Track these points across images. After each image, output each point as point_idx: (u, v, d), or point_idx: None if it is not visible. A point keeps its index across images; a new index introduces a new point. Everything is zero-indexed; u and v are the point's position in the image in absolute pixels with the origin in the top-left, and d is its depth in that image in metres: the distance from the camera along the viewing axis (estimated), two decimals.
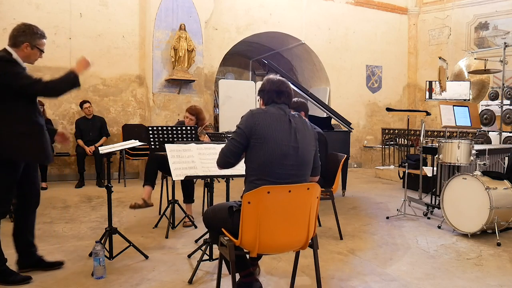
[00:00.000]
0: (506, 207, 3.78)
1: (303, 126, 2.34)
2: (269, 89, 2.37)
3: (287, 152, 2.21)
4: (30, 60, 2.76)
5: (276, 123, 2.24)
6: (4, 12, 6.44)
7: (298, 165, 2.25)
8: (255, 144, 2.21)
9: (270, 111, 2.29)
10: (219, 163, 2.37)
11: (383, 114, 9.68)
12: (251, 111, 2.29)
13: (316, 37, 9.13)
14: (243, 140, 2.24)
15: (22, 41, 2.68)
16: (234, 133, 2.30)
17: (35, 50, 2.73)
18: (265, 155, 2.19)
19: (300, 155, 2.25)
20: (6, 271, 2.71)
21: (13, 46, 2.69)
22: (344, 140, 5.69)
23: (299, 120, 2.35)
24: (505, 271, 3.07)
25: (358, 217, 4.69)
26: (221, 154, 2.34)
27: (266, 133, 2.20)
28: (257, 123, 2.22)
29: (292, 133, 2.25)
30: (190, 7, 7.23)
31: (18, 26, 2.73)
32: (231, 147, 2.29)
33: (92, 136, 6.62)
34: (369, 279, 2.90)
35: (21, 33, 2.70)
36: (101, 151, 3.16)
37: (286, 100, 2.37)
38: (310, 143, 2.34)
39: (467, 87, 6.16)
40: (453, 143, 4.15)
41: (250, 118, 2.26)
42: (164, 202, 4.61)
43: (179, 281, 2.80)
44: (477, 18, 9.11)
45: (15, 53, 2.68)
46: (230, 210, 2.28)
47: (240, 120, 2.30)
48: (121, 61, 7.23)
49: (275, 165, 2.19)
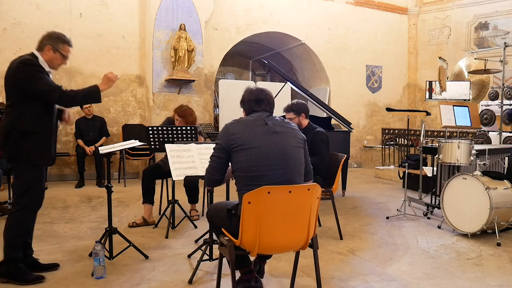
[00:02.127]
0: (506, 207, 3.78)
1: (283, 124, 2.37)
2: (248, 99, 2.42)
3: (266, 152, 2.22)
4: (53, 65, 2.82)
5: (250, 128, 2.27)
6: (4, 12, 6.44)
7: (285, 161, 2.26)
8: (235, 152, 2.25)
9: (242, 120, 2.35)
10: (206, 182, 2.43)
11: (383, 114, 9.68)
12: (225, 125, 2.35)
13: (316, 37, 9.13)
14: (222, 154, 2.30)
15: (45, 44, 2.77)
16: (214, 149, 2.35)
17: (57, 54, 2.79)
18: (248, 160, 2.21)
19: (283, 153, 2.26)
20: (21, 269, 2.74)
21: (38, 49, 2.78)
22: (344, 140, 5.69)
23: (280, 122, 2.37)
24: (505, 271, 3.07)
25: (358, 217, 4.69)
26: (206, 173, 2.40)
27: (241, 140, 2.24)
28: (231, 132, 2.27)
29: (269, 133, 2.27)
30: (190, 7, 7.23)
31: (47, 32, 2.84)
32: (212, 163, 2.35)
33: (92, 136, 6.62)
34: (369, 279, 2.90)
35: (46, 37, 2.79)
36: (101, 151, 3.16)
37: (266, 107, 2.40)
38: (295, 140, 2.35)
39: (467, 87, 6.16)
40: (453, 143, 4.15)
41: (224, 131, 2.32)
42: (164, 202, 4.61)
43: (179, 281, 2.80)
44: (477, 18, 9.11)
45: (40, 56, 2.75)
46: (228, 213, 2.29)
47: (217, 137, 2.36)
48: (121, 61, 7.23)
49: (260, 167, 2.20)
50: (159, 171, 4.22)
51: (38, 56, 2.75)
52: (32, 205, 2.77)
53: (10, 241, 2.72)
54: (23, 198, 2.71)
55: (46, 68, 2.77)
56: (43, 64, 2.76)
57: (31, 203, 2.75)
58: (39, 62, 2.73)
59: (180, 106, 4.47)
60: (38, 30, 6.58)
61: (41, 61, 2.75)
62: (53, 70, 2.85)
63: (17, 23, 6.46)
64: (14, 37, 6.45)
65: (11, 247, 2.71)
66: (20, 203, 2.71)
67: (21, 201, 2.71)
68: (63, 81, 6.82)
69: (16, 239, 2.74)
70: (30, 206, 2.75)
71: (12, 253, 2.71)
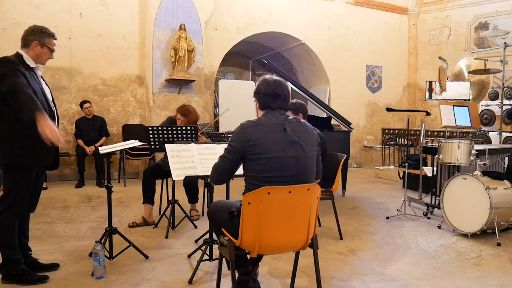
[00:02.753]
0: (506, 207, 3.78)
1: (302, 130, 2.25)
2: (264, 92, 2.27)
3: (284, 164, 2.14)
4: (41, 60, 2.77)
5: (270, 135, 2.14)
6: (4, 12, 6.44)
7: (298, 174, 2.18)
8: (251, 159, 2.15)
9: (261, 123, 2.20)
10: (212, 179, 2.33)
11: (383, 114, 9.68)
12: (241, 125, 2.20)
13: (316, 37, 9.13)
14: (235, 158, 2.18)
15: (31, 40, 2.71)
16: (226, 150, 2.23)
17: (44, 48, 2.74)
18: (263, 169, 2.13)
19: (300, 164, 2.18)
20: (24, 271, 2.72)
21: (24, 46, 2.72)
22: (344, 140, 5.69)
23: (297, 125, 2.25)
24: (505, 271, 3.07)
25: (358, 217, 4.69)
26: (213, 170, 2.29)
27: (260, 148, 2.11)
28: (249, 138, 2.13)
29: (287, 143, 2.16)
30: (190, 7, 7.23)
31: (28, 27, 2.77)
32: (223, 164, 2.23)
33: (92, 136, 6.62)
34: (369, 279, 2.90)
35: (30, 33, 2.73)
36: (101, 151, 3.16)
37: (282, 104, 2.27)
38: (312, 148, 2.26)
39: (467, 87, 6.16)
40: (453, 143, 4.15)
41: (240, 133, 2.17)
42: (164, 202, 4.61)
43: (179, 281, 2.80)
44: (477, 18, 9.11)
45: (25, 54, 2.70)
46: (230, 215, 2.25)
47: (231, 135, 2.24)
48: (121, 61, 7.23)
49: (274, 177, 2.14)
50: (160, 171, 4.22)
51: (23, 53, 2.69)
52: (16, 207, 2.67)
53: (2, 243, 2.68)
54: (6, 199, 2.66)
55: (31, 64, 2.70)
56: (28, 60, 2.68)
57: (15, 204, 2.66)
58: (24, 59, 2.66)
59: (182, 105, 4.47)
60: None
61: (25, 57, 2.68)
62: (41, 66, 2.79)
63: (17, 23, 6.46)
64: (14, 37, 6.36)
65: (4, 249, 2.69)
66: (4, 203, 2.66)
67: (5, 201, 2.66)
68: (63, 81, 6.84)
69: (7, 240, 2.68)
70: (14, 207, 2.66)
71: (8, 254, 2.69)
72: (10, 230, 2.69)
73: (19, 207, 2.69)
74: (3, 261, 2.71)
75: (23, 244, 2.88)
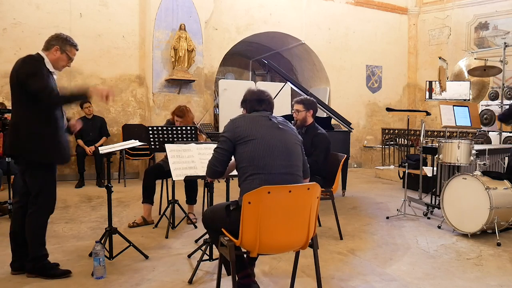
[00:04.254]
0: (506, 207, 3.78)
1: (285, 123, 2.46)
2: (250, 99, 2.50)
3: (273, 144, 2.30)
4: (58, 66, 2.88)
5: (257, 122, 2.36)
6: (4, 12, 6.43)
7: (287, 154, 2.33)
8: (241, 144, 2.30)
9: (248, 115, 2.43)
10: (208, 174, 2.48)
11: (383, 114, 9.68)
12: (231, 119, 2.43)
13: (316, 37, 9.13)
14: (227, 147, 2.35)
15: (53, 44, 2.83)
16: (218, 142, 2.40)
17: (64, 55, 2.86)
18: (253, 150, 2.27)
19: (286, 146, 2.34)
20: (48, 265, 2.83)
21: (45, 49, 2.84)
22: (344, 140, 5.69)
23: (281, 120, 2.47)
24: (505, 271, 3.07)
25: (358, 217, 4.69)
26: (209, 165, 2.44)
27: (249, 132, 2.31)
28: (238, 125, 2.35)
29: (274, 127, 2.37)
30: (190, 7, 7.23)
31: (54, 34, 2.89)
32: (216, 155, 2.39)
33: (92, 136, 6.62)
34: (369, 279, 2.90)
35: (54, 38, 2.86)
36: (101, 151, 3.16)
37: (267, 107, 2.49)
38: (295, 139, 2.44)
39: (467, 87, 6.16)
40: (453, 143, 4.15)
41: (230, 124, 2.39)
42: (164, 202, 4.61)
43: (179, 281, 2.80)
44: (477, 18, 9.11)
45: (46, 56, 2.82)
46: (227, 209, 2.30)
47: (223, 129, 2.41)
48: (121, 61, 7.22)
49: (265, 158, 2.26)
50: (161, 171, 4.23)
51: (44, 56, 2.81)
52: (47, 205, 2.83)
53: (33, 241, 2.80)
54: (38, 199, 2.78)
55: (50, 68, 2.82)
56: (48, 64, 2.81)
57: (45, 203, 2.81)
58: (44, 62, 2.79)
59: (177, 107, 4.49)
60: (38, 30, 6.63)
61: (46, 61, 2.80)
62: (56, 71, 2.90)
63: (17, 23, 6.46)
64: (14, 37, 6.45)
65: (35, 246, 2.80)
66: (36, 203, 2.78)
67: (36, 202, 2.78)
68: (63, 81, 6.82)
69: (38, 239, 2.82)
70: (45, 206, 2.81)
71: (36, 251, 2.80)
72: (42, 228, 2.84)
73: (49, 205, 2.85)
74: (31, 256, 2.80)
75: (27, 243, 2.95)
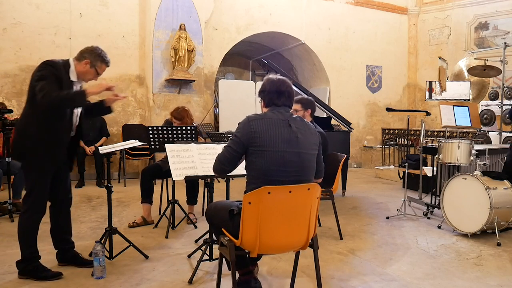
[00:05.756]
0: (506, 207, 3.78)
1: (305, 129, 2.29)
2: (269, 90, 2.33)
3: (288, 159, 2.18)
4: (84, 78, 2.89)
5: (275, 129, 2.19)
6: (4, 12, 6.43)
7: (300, 170, 2.23)
8: (254, 152, 2.18)
9: (267, 117, 2.25)
10: (214, 169, 2.36)
11: (383, 114, 9.68)
12: (248, 118, 2.25)
13: (316, 37, 9.13)
14: (239, 149, 2.23)
15: (85, 57, 2.83)
16: (231, 140, 2.27)
17: (93, 69, 2.85)
18: (266, 163, 2.16)
19: (302, 161, 2.22)
20: (39, 267, 2.82)
21: (76, 59, 2.84)
22: (344, 140, 5.69)
23: (300, 123, 2.30)
24: (505, 271, 3.07)
25: (358, 217, 4.69)
26: (217, 160, 2.33)
27: (264, 141, 2.16)
28: (254, 130, 2.18)
29: (292, 138, 2.21)
30: (190, 7, 7.23)
31: (91, 46, 2.88)
32: (227, 154, 2.27)
33: (92, 136, 6.62)
34: (369, 279, 2.90)
35: (88, 51, 2.85)
36: (101, 151, 3.16)
37: (286, 102, 2.33)
38: (313, 147, 2.30)
39: (467, 87, 6.16)
40: (453, 143, 4.15)
41: (246, 125, 2.22)
42: (164, 202, 4.61)
43: (179, 281, 2.80)
44: (477, 18, 9.11)
45: (73, 65, 2.81)
46: (230, 213, 2.26)
47: (237, 127, 2.27)
48: (121, 61, 7.22)
49: (276, 172, 2.17)
50: (158, 171, 4.22)
51: (72, 65, 2.80)
52: (37, 206, 2.79)
53: (22, 241, 2.79)
54: (28, 199, 2.78)
55: (73, 78, 2.80)
56: (72, 73, 2.79)
57: (35, 204, 2.78)
58: (69, 70, 2.77)
59: (176, 109, 4.45)
60: (38, 30, 6.64)
61: (71, 69, 2.79)
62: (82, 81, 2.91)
63: (17, 23, 6.46)
64: (14, 37, 6.45)
65: (23, 247, 2.79)
66: (26, 203, 2.78)
67: (27, 201, 2.78)
68: None
69: (27, 239, 2.80)
70: (35, 207, 2.78)
71: (27, 252, 2.80)
72: (32, 229, 2.82)
73: (39, 206, 2.81)
74: (22, 258, 2.81)
75: (63, 239, 3.03)
